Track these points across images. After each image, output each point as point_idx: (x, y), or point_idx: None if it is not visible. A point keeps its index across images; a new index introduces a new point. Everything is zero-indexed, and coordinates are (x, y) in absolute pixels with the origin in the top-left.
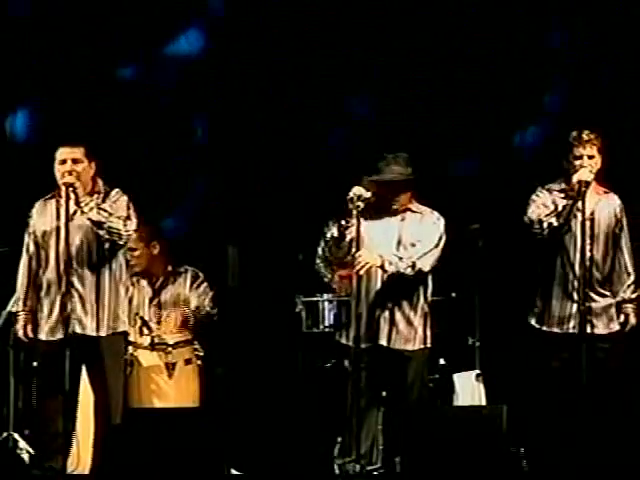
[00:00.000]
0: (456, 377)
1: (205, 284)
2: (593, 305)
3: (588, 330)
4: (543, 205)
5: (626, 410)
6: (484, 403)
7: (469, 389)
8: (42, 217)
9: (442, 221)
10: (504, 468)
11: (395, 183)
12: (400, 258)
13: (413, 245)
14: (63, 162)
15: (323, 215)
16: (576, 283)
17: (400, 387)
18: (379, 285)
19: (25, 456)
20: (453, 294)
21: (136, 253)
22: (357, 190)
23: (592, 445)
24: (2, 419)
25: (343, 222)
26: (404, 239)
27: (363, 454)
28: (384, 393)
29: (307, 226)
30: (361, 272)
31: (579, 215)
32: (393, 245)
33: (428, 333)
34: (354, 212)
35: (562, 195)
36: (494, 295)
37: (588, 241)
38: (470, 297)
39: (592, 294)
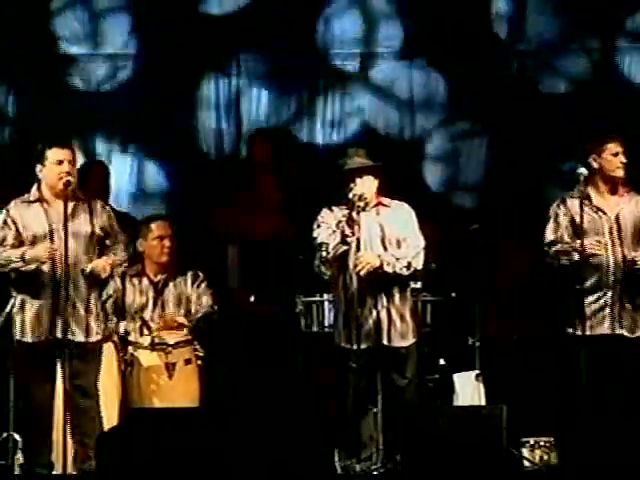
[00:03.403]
0: (456, 377)
1: (205, 283)
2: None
3: (617, 331)
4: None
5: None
6: (484, 403)
7: (469, 389)
8: (28, 219)
9: (413, 212)
10: (504, 468)
11: (364, 170)
12: (397, 259)
13: (398, 241)
14: (60, 163)
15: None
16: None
17: (399, 384)
18: (376, 284)
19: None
20: (453, 294)
21: (168, 244)
22: (358, 190)
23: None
24: (2, 419)
25: (348, 232)
26: (387, 234)
27: (367, 457)
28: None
29: (307, 226)
30: (362, 272)
31: (604, 218)
32: (378, 242)
33: (416, 326)
34: (354, 213)
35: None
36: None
37: (617, 242)
38: (470, 297)
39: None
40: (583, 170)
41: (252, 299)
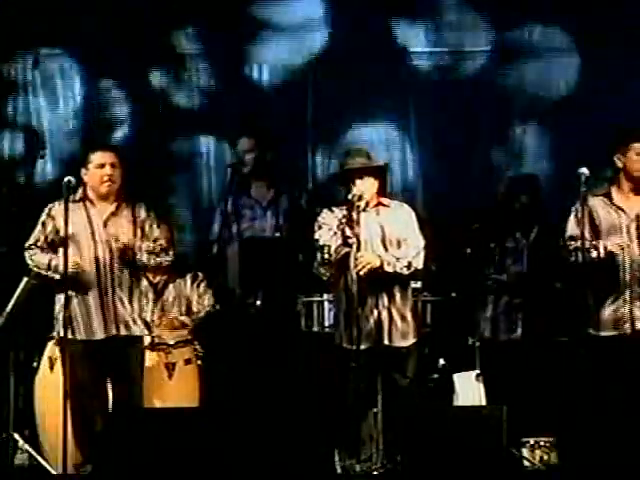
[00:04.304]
0: (456, 377)
1: (204, 283)
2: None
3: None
4: None
5: None
6: (484, 403)
7: (469, 389)
8: (71, 218)
9: (413, 212)
10: (504, 468)
11: (364, 171)
12: (398, 259)
13: (398, 241)
14: (102, 166)
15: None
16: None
17: (401, 383)
18: (377, 284)
19: (24, 456)
20: (453, 294)
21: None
22: (357, 190)
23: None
24: (2, 419)
25: (349, 233)
26: (387, 235)
27: (367, 457)
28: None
29: (307, 226)
30: (362, 272)
31: (623, 216)
32: (378, 242)
33: (416, 325)
34: (354, 213)
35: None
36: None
37: (636, 241)
38: (470, 297)
39: None
40: (585, 170)
41: (258, 302)
